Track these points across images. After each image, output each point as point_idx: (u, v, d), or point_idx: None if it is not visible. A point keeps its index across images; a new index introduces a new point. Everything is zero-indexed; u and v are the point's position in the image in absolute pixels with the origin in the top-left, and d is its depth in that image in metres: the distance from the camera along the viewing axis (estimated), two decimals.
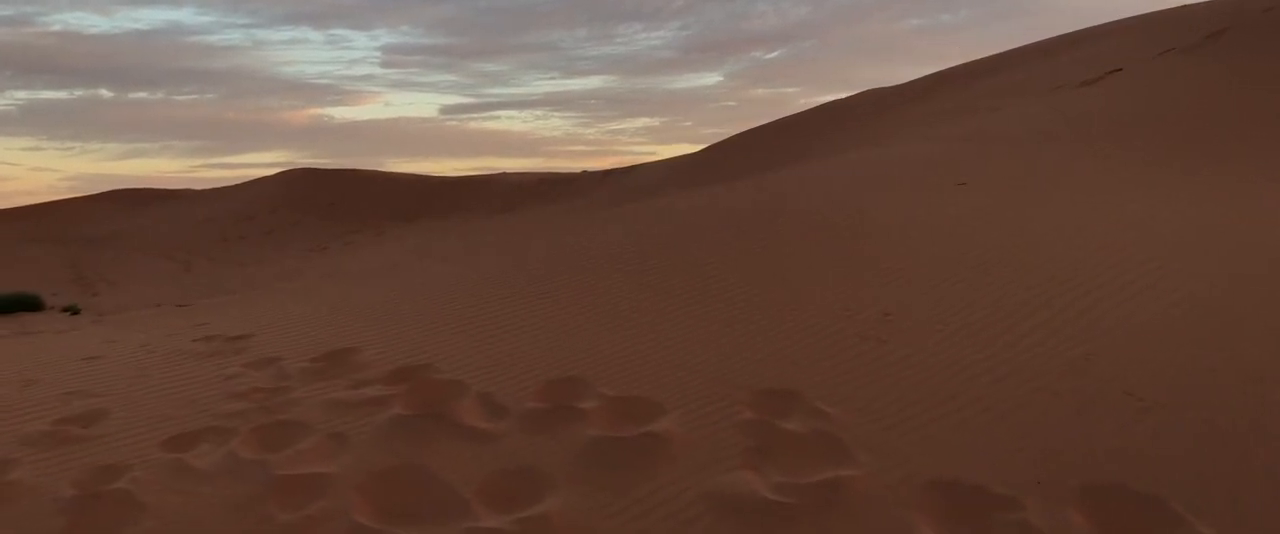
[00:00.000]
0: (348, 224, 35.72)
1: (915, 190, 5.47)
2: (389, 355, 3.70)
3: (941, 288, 3.94)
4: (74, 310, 27.29)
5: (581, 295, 4.29)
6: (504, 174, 40.63)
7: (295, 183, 41.74)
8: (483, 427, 3.08)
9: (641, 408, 3.10)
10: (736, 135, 25.42)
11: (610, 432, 2.97)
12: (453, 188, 38.16)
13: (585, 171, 36.83)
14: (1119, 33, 11.53)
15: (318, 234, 34.90)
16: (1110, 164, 6.27)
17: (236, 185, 45.02)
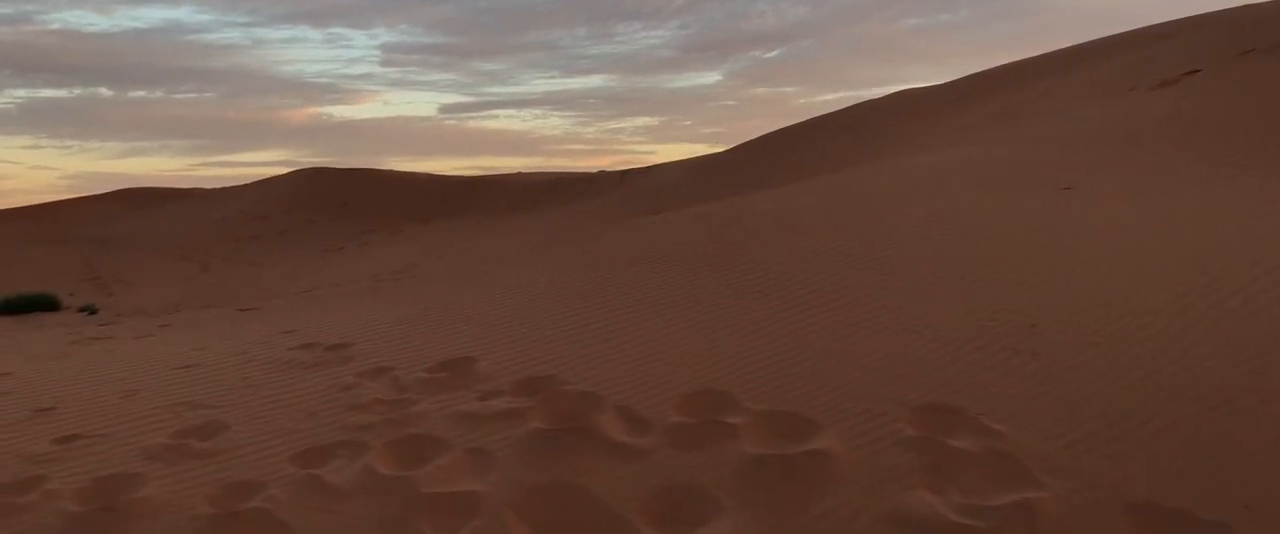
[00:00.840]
0: (362, 224, 35.71)
1: (1012, 193, 5.38)
2: (509, 365, 3.61)
3: (1074, 294, 3.85)
4: (92, 310, 27.39)
5: (686, 300, 4.21)
6: (519, 174, 40.56)
7: (306, 182, 41.75)
8: (629, 442, 2.99)
9: (795, 424, 3.01)
10: (764, 137, 25.30)
11: (769, 449, 2.88)
12: (468, 188, 38.11)
13: (602, 171, 36.80)
14: (1186, 33, 11.40)
15: (333, 234, 34.89)
16: (1203, 166, 6.17)
17: (247, 185, 45.09)
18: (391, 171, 41.65)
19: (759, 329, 3.76)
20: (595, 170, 36.92)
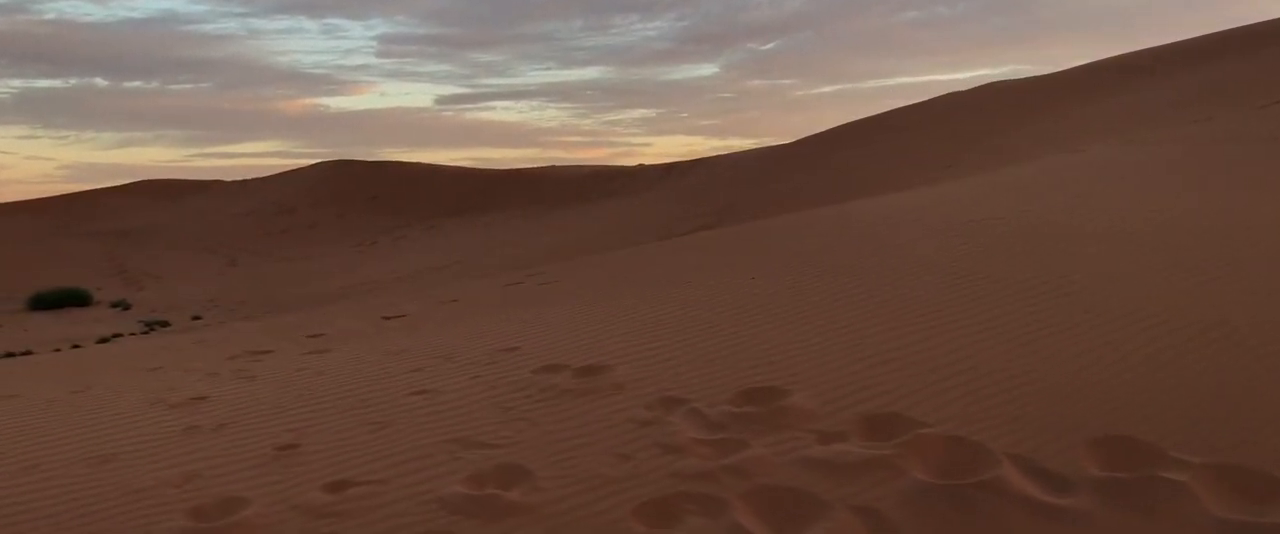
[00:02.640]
0: (394, 218, 35.34)
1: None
2: (832, 398, 3.14)
3: None
4: (124, 306, 27.03)
5: (999, 319, 3.72)
6: (552, 167, 40.14)
7: (332, 175, 41.41)
8: (1054, 503, 2.51)
9: (1256, 482, 2.53)
10: (825, 133, 24.75)
11: (1246, 515, 2.40)
12: (500, 182, 37.69)
13: (641, 165, 36.41)
14: None
15: (365, 228, 34.52)
16: None
17: (270, 176, 44.78)
18: (420, 164, 41.27)
19: (1128, 357, 3.27)
20: (635, 165, 36.57)
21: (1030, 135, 11.75)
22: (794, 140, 26.82)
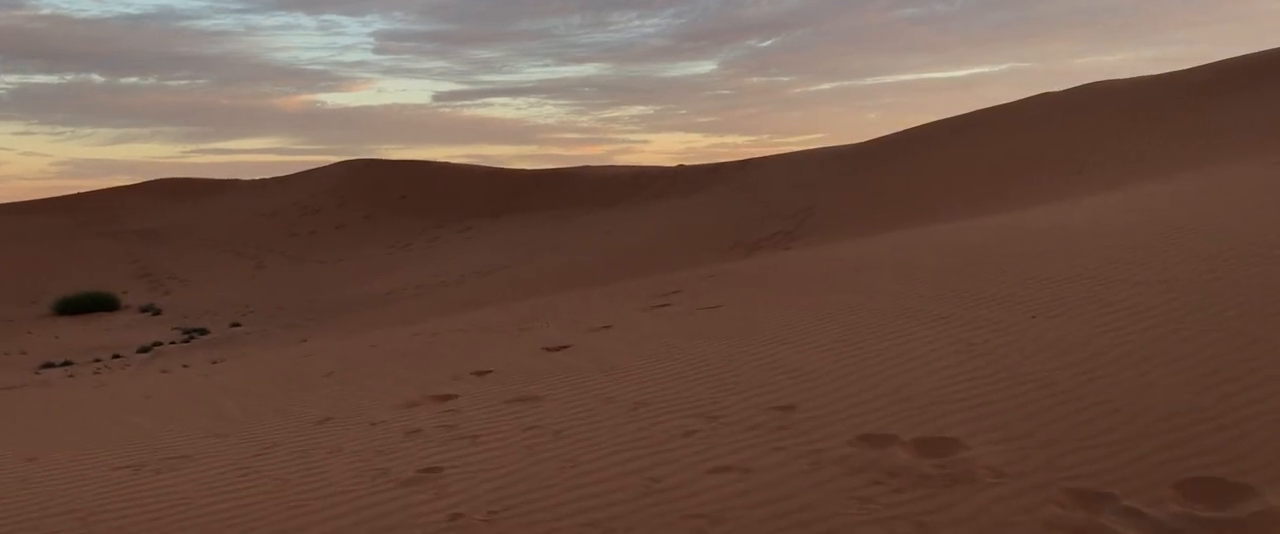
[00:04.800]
0: (425, 219, 34.76)
1: None
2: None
3: None
4: (154, 311, 26.51)
5: None
6: (586, 167, 39.49)
7: (357, 175, 40.87)
8: None
9: None
10: (899, 134, 23.97)
11: None
12: (534, 182, 37.06)
13: (682, 165, 35.74)
14: None
15: (395, 230, 33.95)
16: None
17: (292, 176, 44.28)
18: (448, 164, 40.72)
19: None
20: (676, 165, 35.86)
21: (1169, 140, 11.05)
22: (858, 142, 26.12)
